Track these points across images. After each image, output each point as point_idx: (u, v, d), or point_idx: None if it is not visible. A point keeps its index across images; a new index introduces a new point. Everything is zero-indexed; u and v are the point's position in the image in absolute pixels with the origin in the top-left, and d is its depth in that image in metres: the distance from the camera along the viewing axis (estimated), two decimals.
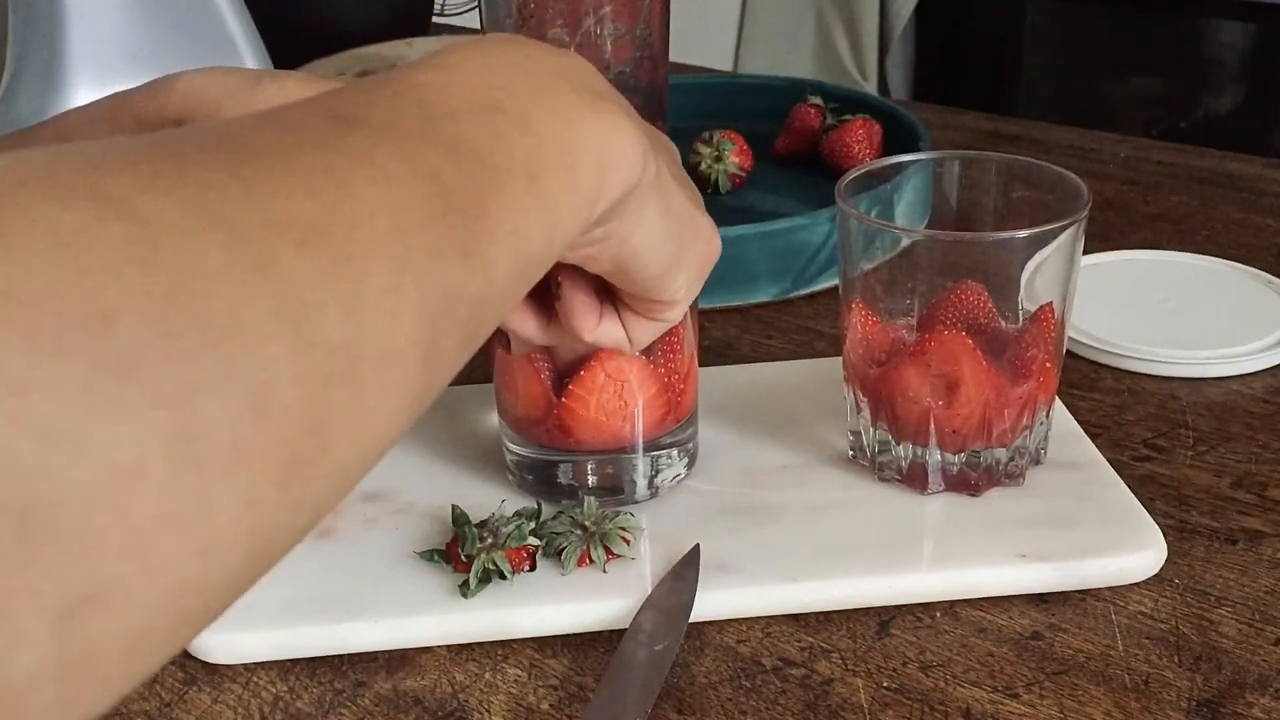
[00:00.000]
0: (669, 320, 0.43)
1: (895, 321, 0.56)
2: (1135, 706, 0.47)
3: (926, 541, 0.54)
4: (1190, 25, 2.24)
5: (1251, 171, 0.93)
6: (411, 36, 1.22)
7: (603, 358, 0.53)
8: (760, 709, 0.48)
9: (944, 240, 0.55)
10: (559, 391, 0.54)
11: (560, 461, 0.56)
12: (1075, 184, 0.55)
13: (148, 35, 0.97)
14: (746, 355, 0.71)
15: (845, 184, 0.56)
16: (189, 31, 0.97)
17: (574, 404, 0.54)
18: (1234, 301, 0.74)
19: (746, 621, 0.52)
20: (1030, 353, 0.55)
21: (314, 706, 0.49)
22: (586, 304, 0.42)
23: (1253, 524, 0.56)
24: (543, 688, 0.49)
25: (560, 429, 0.55)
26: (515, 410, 0.56)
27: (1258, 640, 0.50)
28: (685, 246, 0.40)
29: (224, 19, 0.98)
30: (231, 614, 0.52)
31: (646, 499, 0.56)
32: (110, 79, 0.97)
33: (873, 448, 0.57)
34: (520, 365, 0.54)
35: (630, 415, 0.55)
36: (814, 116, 0.91)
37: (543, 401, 0.55)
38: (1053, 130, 1.03)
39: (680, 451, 0.57)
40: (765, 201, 0.88)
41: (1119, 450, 0.61)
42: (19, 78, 0.94)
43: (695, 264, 0.41)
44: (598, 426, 0.54)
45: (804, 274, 0.77)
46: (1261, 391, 0.66)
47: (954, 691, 0.48)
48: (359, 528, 0.56)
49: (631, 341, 0.43)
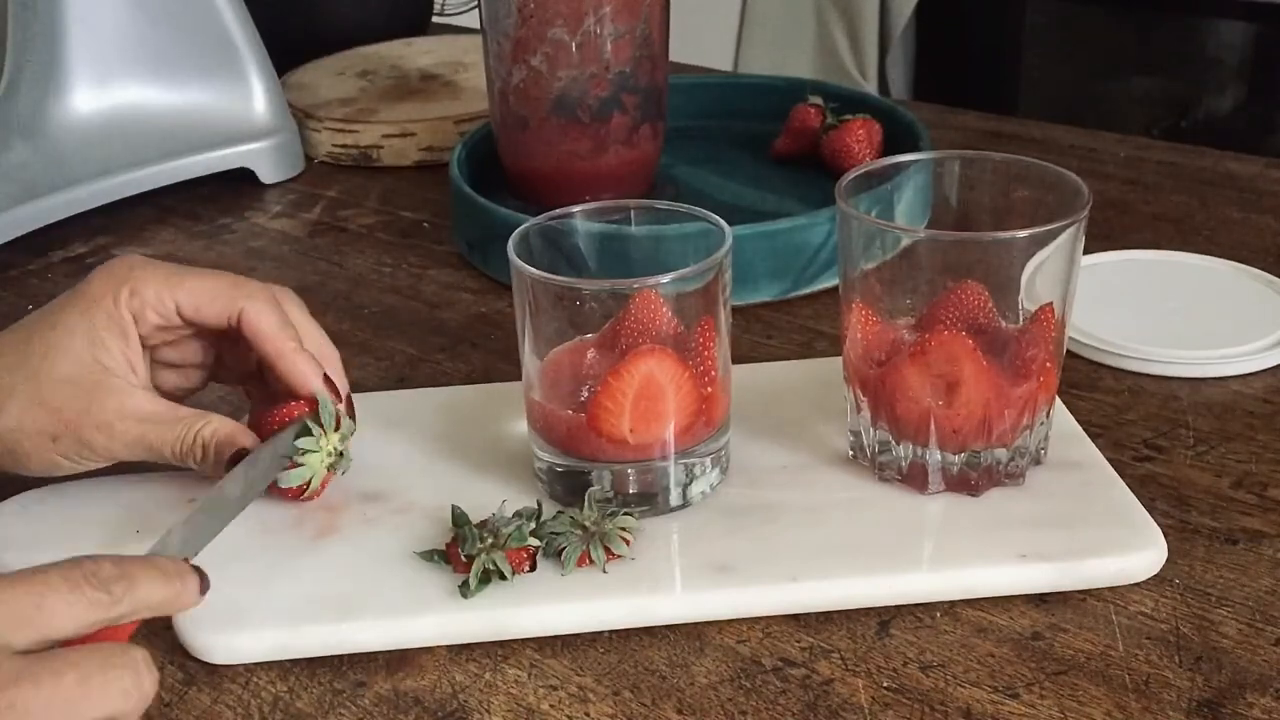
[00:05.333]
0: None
1: (895, 321, 0.56)
2: (1135, 707, 0.47)
3: (926, 541, 0.54)
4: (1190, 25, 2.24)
5: (1251, 171, 0.93)
6: (411, 36, 1.22)
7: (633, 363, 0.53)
8: (760, 709, 0.48)
9: (944, 240, 0.55)
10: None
11: (591, 470, 0.55)
12: (1075, 184, 0.55)
13: (148, 35, 0.97)
14: (746, 355, 0.71)
15: (845, 184, 0.56)
16: (189, 31, 0.97)
17: (604, 411, 0.54)
18: (1234, 301, 0.74)
19: (746, 621, 0.52)
20: (1030, 353, 0.55)
21: (314, 706, 0.49)
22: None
23: (1253, 524, 0.56)
24: (543, 688, 0.49)
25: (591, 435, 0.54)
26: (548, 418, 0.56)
27: (1258, 640, 0.50)
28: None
29: (224, 19, 0.98)
30: (231, 614, 0.53)
31: (679, 508, 0.56)
32: (110, 79, 0.97)
33: (873, 448, 0.57)
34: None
35: (662, 422, 0.54)
36: (814, 116, 0.91)
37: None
38: (1053, 130, 1.03)
39: (713, 460, 0.57)
40: (765, 201, 0.88)
41: (1119, 450, 0.61)
42: (19, 78, 0.94)
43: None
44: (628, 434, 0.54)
45: (804, 274, 0.77)
46: (1261, 391, 0.66)
47: (954, 692, 0.48)
48: (359, 528, 0.56)
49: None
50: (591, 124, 0.83)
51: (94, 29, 0.95)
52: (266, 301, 0.56)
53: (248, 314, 0.56)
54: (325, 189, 0.99)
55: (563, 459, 0.56)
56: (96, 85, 0.96)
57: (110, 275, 0.56)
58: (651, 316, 0.54)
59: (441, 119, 1.02)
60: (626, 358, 0.53)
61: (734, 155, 0.95)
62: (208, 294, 0.56)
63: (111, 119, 0.96)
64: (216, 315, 0.56)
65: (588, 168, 0.84)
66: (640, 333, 0.54)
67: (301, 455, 0.54)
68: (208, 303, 0.56)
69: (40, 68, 0.94)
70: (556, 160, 0.84)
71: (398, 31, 1.22)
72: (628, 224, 0.60)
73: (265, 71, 0.99)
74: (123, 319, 0.55)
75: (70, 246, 0.90)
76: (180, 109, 0.98)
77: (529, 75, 0.82)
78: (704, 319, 0.54)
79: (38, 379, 0.54)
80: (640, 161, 0.86)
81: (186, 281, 0.56)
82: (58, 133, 0.95)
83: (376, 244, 0.89)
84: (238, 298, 0.56)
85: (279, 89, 1.01)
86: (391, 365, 0.73)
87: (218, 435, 0.55)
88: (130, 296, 0.55)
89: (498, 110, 0.86)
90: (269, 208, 0.96)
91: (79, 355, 0.54)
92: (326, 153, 1.03)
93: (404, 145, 1.01)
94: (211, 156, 0.97)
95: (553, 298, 0.54)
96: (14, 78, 0.93)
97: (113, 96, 0.97)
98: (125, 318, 0.55)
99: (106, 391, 0.55)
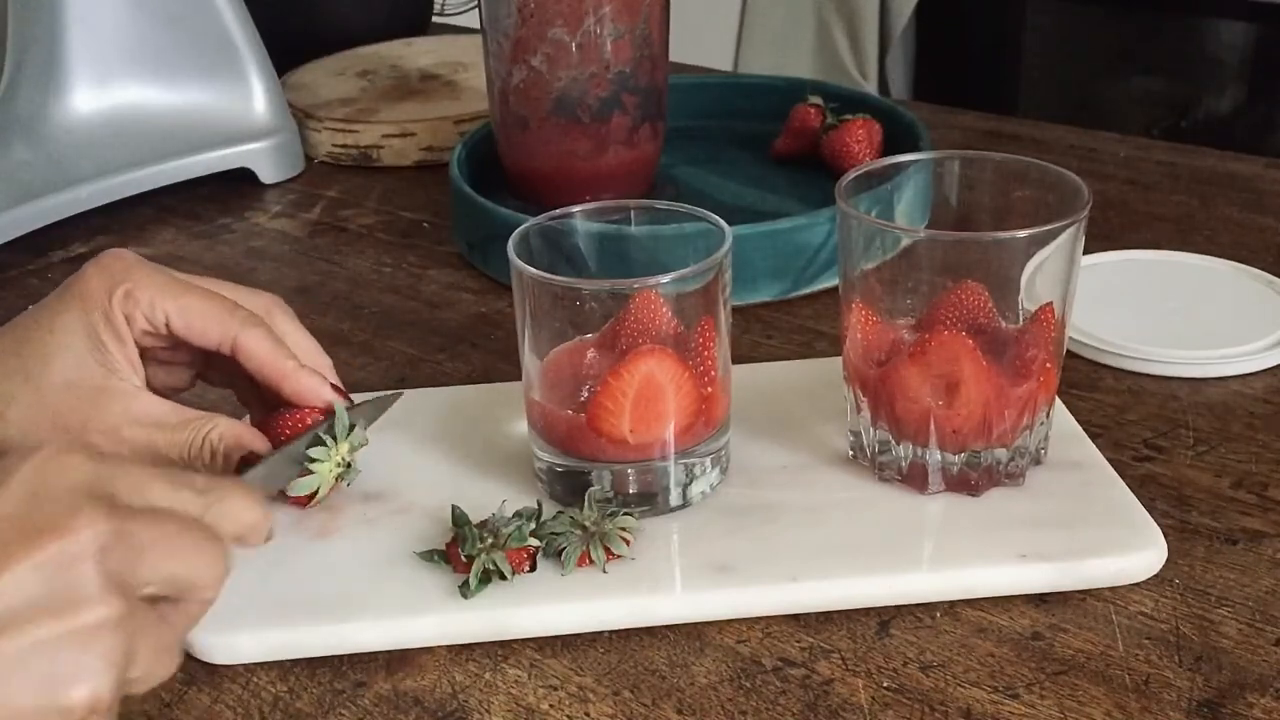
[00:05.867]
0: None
1: (895, 321, 0.56)
2: (1135, 707, 0.47)
3: (926, 541, 0.54)
4: (1190, 25, 2.24)
5: (1251, 171, 0.93)
6: (411, 36, 1.22)
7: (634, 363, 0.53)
8: (760, 709, 0.48)
9: (944, 240, 0.55)
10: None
11: (591, 470, 0.55)
12: (1075, 184, 0.55)
13: (148, 35, 0.97)
14: (746, 355, 0.71)
15: (845, 184, 0.56)
16: (189, 31, 0.97)
17: (604, 411, 0.54)
18: (1234, 301, 0.74)
19: (746, 621, 0.52)
20: (1030, 353, 0.55)
21: (314, 706, 0.49)
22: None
23: (1253, 524, 0.56)
24: (543, 688, 0.49)
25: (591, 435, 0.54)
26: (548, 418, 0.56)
27: (1258, 640, 0.50)
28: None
29: (224, 19, 0.98)
30: (231, 614, 0.52)
31: (679, 508, 0.56)
32: (110, 79, 0.97)
33: (873, 448, 0.57)
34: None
35: (662, 422, 0.54)
36: (814, 116, 0.91)
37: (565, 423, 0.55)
38: (1053, 130, 1.03)
39: (713, 460, 0.57)
40: (765, 201, 0.88)
41: (1119, 450, 0.61)
42: (19, 78, 0.94)
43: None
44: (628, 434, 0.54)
45: (804, 274, 0.77)
46: (1261, 391, 0.66)
47: (954, 692, 0.48)
48: (359, 528, 0.56)
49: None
50: (591, 124, 0.83)
51: (94, 29, 0.95)
52: (258, 328, 0.55)
53: (243, 344, 0.55)
54: (325, 189, 0.99)
55: (563, 459, 0.56)
56: (96, 85, 0.96)
57: (105, 272, 0.54)
58: (651, 316, 0.54)
59: (441, 119, 1.02)
60: (626, 358, 0.53)
61: (734, 155, 0.95)
62: (200, 317, 0.55)
63: (111, 119, 0.96)
64: (207, 340, 0.55)
65: (588, 168, 0.84)
66: (640, 333, 0.54)
67: (312, 464, 0.54)
68: (199, 326, 0.55)
69: (40, 68, 0.94)
70: (556, 160, 0.84)
71: (398, 31, 1.22)
72: (628, 224, 0.60)
73: (265, 71, 0.99)
74: (118, 320, 0.54)
75: (70, 247, 0.90)
76: (180, 109, 0.98)
77: (529, 75, 0.82)
78: (704, 319, 0.54)
79: (39, 385, 0.53)
80: (640, 161, 0.86)
81: (181, 298, 0.55)
82: (58, 133, 0.95)
83: (376, 244, 0.89)
84: (231, 326, 0.55)
85: (279, 89, 1.01)
86: (391, 365, 0.73)
87: (225, 439, 0.54)
88: (125, 298, 0.54)
89: (498, 110, 0.86)
90: (269, 208, 0.96)
91: (80, 358, 0.54)
92: (326, 153, 1.03)
93: (404, 145, 1.01)
94: (211, 156, 0.97)
95: (553, 298, 0.54)
96: (14, 78, 0.93)
97: (113, 96, 0.97)
98: (119, 318, 0.54)
99: (110, 396, 0.54)
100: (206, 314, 0.55)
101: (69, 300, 0.54)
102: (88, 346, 0.54)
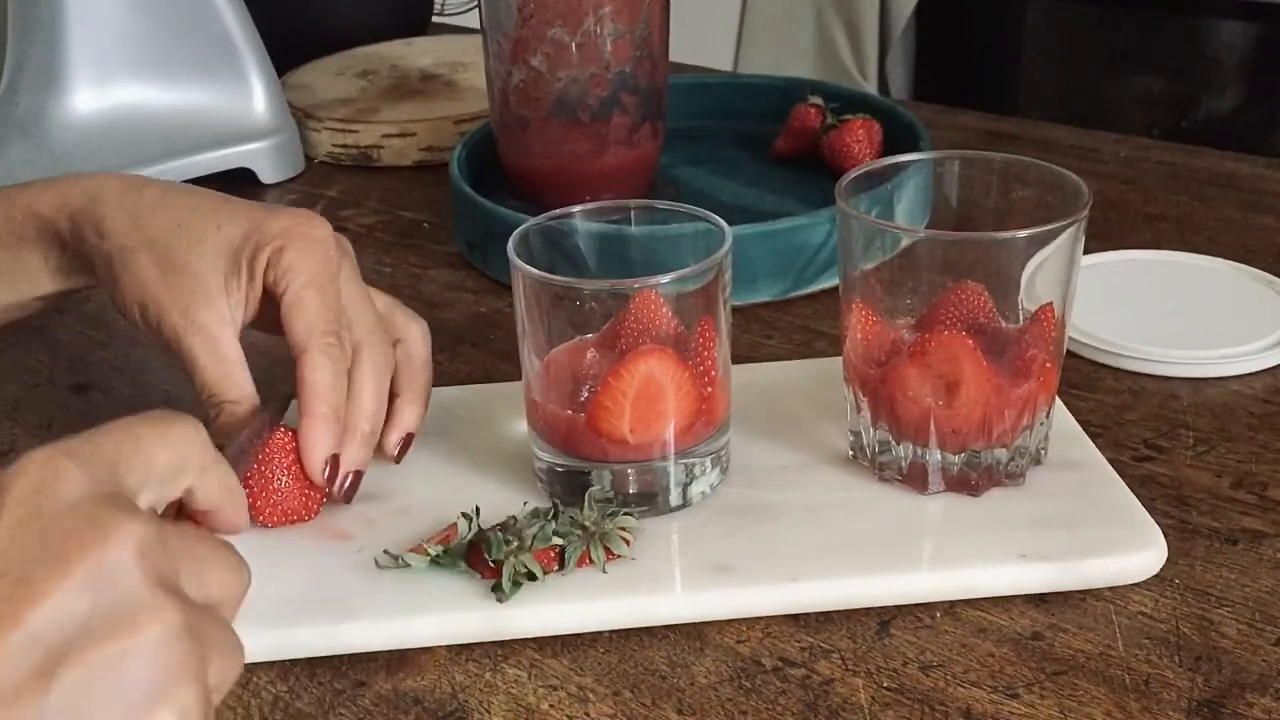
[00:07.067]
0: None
1: (895, 321, 0.56)
2: (1135, 707, 0.47)
3: (926, 541, 0.54)
4: (1190, 25, 2.24)
5: (1251, 171, 0.93)
6: (411, 36, 1.22)
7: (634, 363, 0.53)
8: (760, 709, 0.48)
9: (944, 240, 0.55)
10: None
11: (591, 470, 0.55)
12: (1075, 184, 0.55)
13: (148, 35, 0.97)
14: (746, 355, 0.71)
15: (845, 184, 0.56)
16: (189, 31, 0.97)
17: (604, 411, 0.54)
18: (1234, 301, 0.74)
19: (746, 621, 0.52)
20: (1030, 353, 0.55)
21: (314, 706, 0.49)
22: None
23: (1253, 524, 0.56)
24: (543, 688, 0.49)
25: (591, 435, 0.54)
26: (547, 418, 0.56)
27: (1258, 640, 0.50)
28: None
29: (224, 19, 0.98)
30: None
31: (679, 508, 0.56)
32: (110, 79, 0.97)
33: (873, 448, 0.57)
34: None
35: (662, 422, 0.54)
36: (814, 116, 0.91)
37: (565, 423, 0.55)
38: (1053, 130, 1.03)
39: (713, 460, 0.57)
40: (765, 201, 0.88)
41: (1119, 450, 0.61)
42: (19, 78, 0.94)
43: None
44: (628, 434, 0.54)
45: (804, 274, 0.77)
46: (1261, 391, 0.66)
47: (954, 692, 0.48)
48: (359, 528, 0.56)
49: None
50: (591, 124, 0.83)
51: (94, 29, 0.95)
52: (328, 360, 0.54)
53: (301, 366, 0.54)
54: (325, 189, 0.99)
55: (563, 459, 0.56)
56: (96, 85, 0.96)
57: (307, 230, 0.55)
58: (651, 316, 0.54)
59: (441, 119, 1.02)
60: (626, 358, 0.53)
61: (734, 155, 0.95)
62: (301, 315, 0.54)
63: (111, 119, 0.96)
64: (289, 335, 0.54)
65: (588, 168, 0.84)
66: (640, 333, 0.54)
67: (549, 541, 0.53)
68: (289, 318, 0.54)
69: (40, 68, 0.94)
70: (556, 160, 0.84)
71: (398, 31, 1.22)
72: (628, 224, 0.60)
73: (265, 71, 0.99)
74: (260, 264, 0.55)
75: None
76: (180, 109, 0.98)
77: (529, 75, 0.82)
78: (704, 319, 0.54)
79: (170, 254, 0.54)
80: (640, 161, 0.86)
81: (306, 290, 0.55)
82: (58, 133, 0.95)
83: (376, 244, 0.89)
84: (308, 344, 0.54)
85: (279, 89, 1.01)
86: None
87: (222, 417, 0.54)
88: (275, 253, 0.54)
89: (498, 110, 0.86)
90: None
91: (215, 248, 0.55)
92: (326, 153, 1.03)
93: (404, 145, 1.01)
94: (211, 156, 0.97)
95: (553, 298, 0.54)
96: (14, 78, 0.93)
97: (113, 96, 0.97)
98: (262, 264, 0.55)
99: (213, 312, 0.54)
100: (307, 316, 0.55)
101: (258, 219, 0.56)
102: (230, 264, 0.55)
